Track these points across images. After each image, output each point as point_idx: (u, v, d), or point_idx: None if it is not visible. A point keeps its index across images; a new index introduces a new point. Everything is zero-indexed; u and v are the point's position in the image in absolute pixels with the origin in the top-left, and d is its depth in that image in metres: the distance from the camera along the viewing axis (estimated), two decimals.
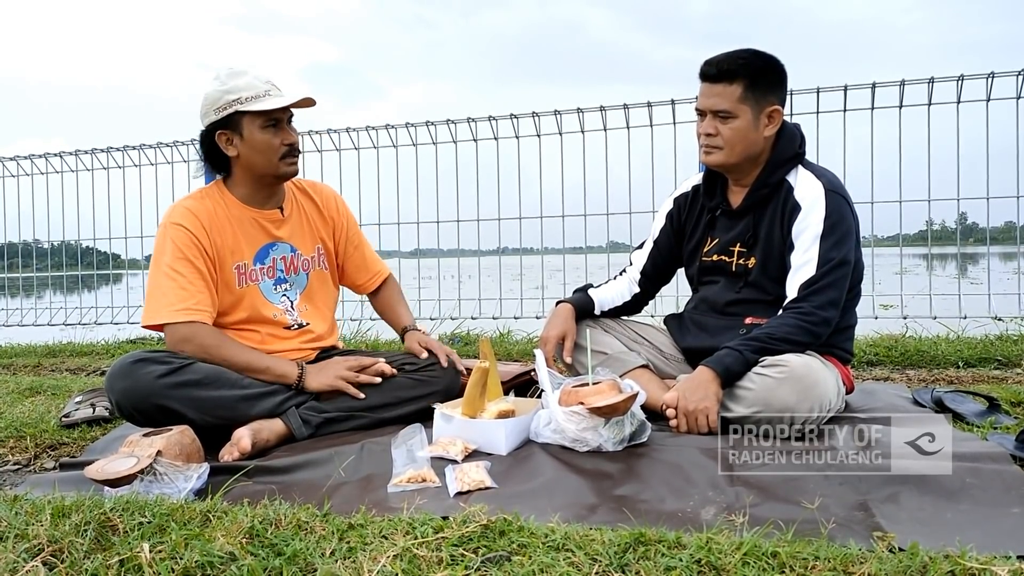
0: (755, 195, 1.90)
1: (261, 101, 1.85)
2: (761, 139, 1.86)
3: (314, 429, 1.84)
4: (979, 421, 1.79)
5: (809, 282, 1.76)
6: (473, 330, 3.96)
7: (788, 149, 1.88)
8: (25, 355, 4.03)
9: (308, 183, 2.17)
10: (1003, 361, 2.81)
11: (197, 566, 1.03)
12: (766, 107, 1.84)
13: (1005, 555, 1.04)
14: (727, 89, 1.82)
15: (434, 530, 1.13)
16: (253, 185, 1.97)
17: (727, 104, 1.82)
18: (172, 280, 1.82)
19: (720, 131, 1.85)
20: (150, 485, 1.42)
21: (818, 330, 1.75)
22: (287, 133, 1.92)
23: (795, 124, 1.96)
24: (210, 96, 1.88)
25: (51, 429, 2.10)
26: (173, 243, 1.85)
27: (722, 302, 1.95)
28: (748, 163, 1.89)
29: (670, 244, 2.13)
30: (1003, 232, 4.11)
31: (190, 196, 1.97)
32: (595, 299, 2.14)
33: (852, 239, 1.81)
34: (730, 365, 1.72)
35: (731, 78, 1.82)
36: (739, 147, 1.85)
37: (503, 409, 1.74)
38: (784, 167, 1.88)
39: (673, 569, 1.00)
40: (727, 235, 1.96)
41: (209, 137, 1.92)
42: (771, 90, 1.85)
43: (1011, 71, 3.21)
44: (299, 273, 2.07)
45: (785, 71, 1.87)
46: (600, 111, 3.71)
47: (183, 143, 4.42)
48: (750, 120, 1.83)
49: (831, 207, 1.79)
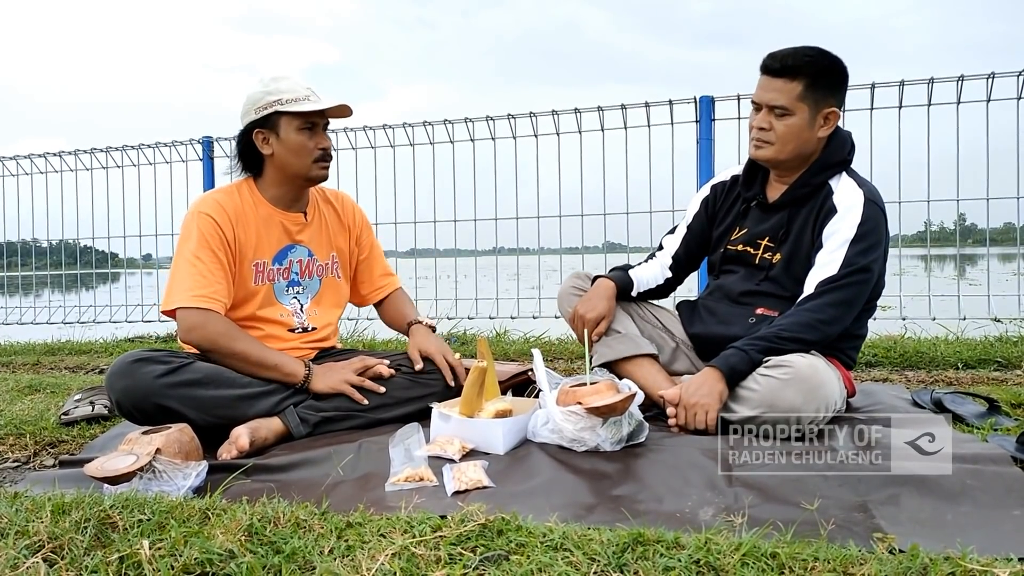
0: (795, 192, 1.88)
1: (300, 104, 1.90)
2: (814, 139, 1.84)
3: (311, 428, 1.84)
4: (979, 423, 1.79)
5: (828, 280, 1.76)
6: (470, 330, 3.96)
7: (837, 153, 1.87)
8: (24, 353, 4.03)
9: (332, 192, 2.20)
10: (1002, 362, 2.81)
11: (196, 563, 1.03)
12: (824, 108, 1.82)
13: (1006, 557, 1.04)
14: (787, 85, 1.80)
15: (432, 529, 1.13)
16: (283, 186, 2.00)
17: (785, 100, 1.80)
18: (193, 267, 1.85)
19: (774, 126, 1.83)
20: (149, 483, 1.42)
21: (828, 329, 1.74)
22: (322, 138, 1.96)
23: (848, 131, 1.94)
24: (252, 96, 1.93)
25: (51, 427, 2.10)
26: (199, 231, 1.88)
27: (737, 291, 1.95)
28: (797, 161, 1.87)
29: (703, 230, 2.11)
30: (1002, 233, 4.11)
31: (220, 189, 2.02)
32: (635, 279, 2.10)
33: (880, 251, 1.80)
34: (735, 365, 1.71)
35: (793, 74, 1.79)
36: (791, 145, 1.83)
37: (501, 408, 1.74)
38: (829, 170, 1.86)
39: (672, 569, 1.00)
40: (757, 227, 1.95)
41: (247, 136, 1.96)
42: (831, 91, 1.83)
43: (1011, 71, 3.21)
44: (312, 278, 2.09)
45: (848, 74, 1.85)
46: (598, 111, 3.71)
47: (183, 143, 4.42)
48: (806, 119, 1.81)
49: (867, 215, 1.78)
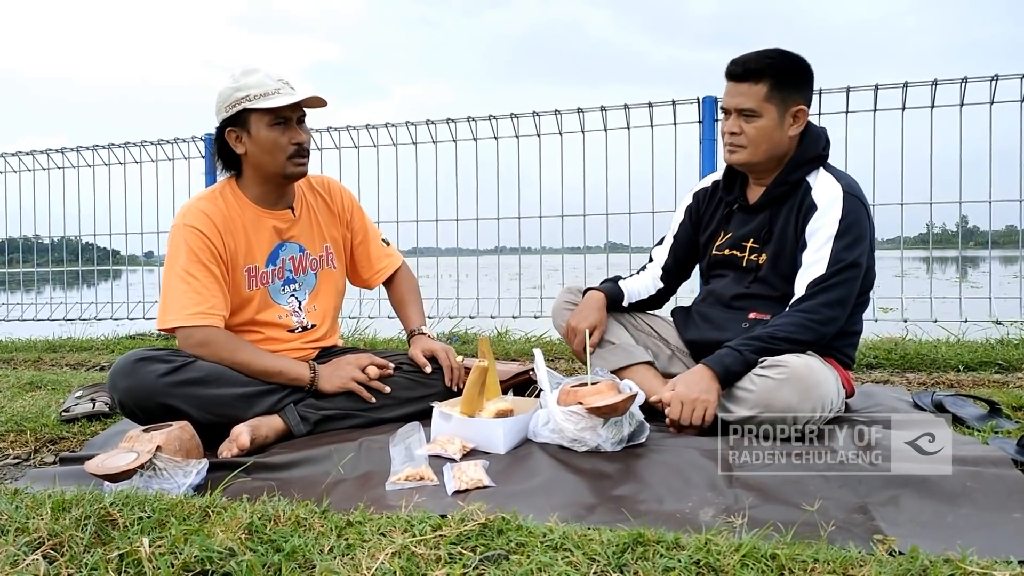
0: (773, 192, 1.89)
1: (269, 99, 1.84)
2: (786, 139, 1.85)
3: (312, 426, 1.84)
4: (980, 425, 1.79)
5: (817, 280, 1.76)
6: (471, 329, 3.96)
7: (812, 149, 1.88)
8: (25, 350, 4.03)
9: (317, 179, 2.15)
10: (1004, 365, 2.81)
11: (196, 561, 1.03)
12: (791, 107, 1.83)
13: (1006, 560, 1.04)
14: (752, 88, 1.82)
15: (432, 528, 1.13)
16: (263, 185, 1.96)
17: (752, 103, 1.82)
18: (186, 283, 1.82)
19: (744, 130, 1.84)
20: (150, 480, 1.42)
21: (823, 329, 1.74)
22: (296, 132, 1.90)
23: (822, 127, 1.95)
24: (222, 94, 1.89)
25: (51, 424, 2.10)
26: (187, 245, 1.84)
27: (728, 296, 1.96)
28: (771, 162, 1.88)
29: (690, 238, 2.12)
30: (1004, 236, 4.10)
31: (203, 196, 1.96)
32: (624, 290, 2.12)
33: (866, 243, 1.81)
34: (730, 365, 1.71)
35: (757, 77, 1.81)
36: (763, 146, 1.85)
37: (501, 408, 1.74)
38: (806, 167, 1.87)
39: (672, 570, 1.00)
40: (741, 230, 1.96)
41: (221, 134, 1.93)
42: (797, 90, 1.84)
43: (1015, 74, 3.20)
44: (307, 273, 2.06)
45: (812, 71, 1.86)
46: (600, 111, 3.71)
47: (184, 140, 4.42)
48: (775, 119, 1.83)
49: (848, 209, 1.78)
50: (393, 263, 2.26)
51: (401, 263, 2.29)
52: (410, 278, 2.29)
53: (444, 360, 2.01)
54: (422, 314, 2.23)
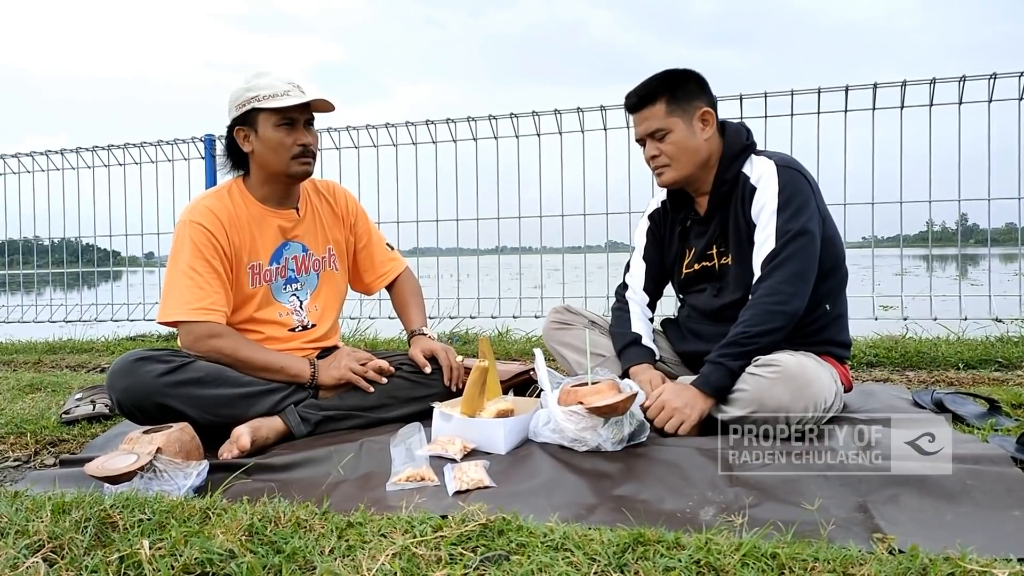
0: (717, 194, 1.91)
1: (277, 100, 1.88)
2: (703, 143, 1.88)
3: (312, 427, 1.85)
4: (979, 423, 1.79)
5: (769, 257, 1.76)
6: (472, 329, 3.96)
7: (736, 143, 1.90)
8: (25, 351, 4.03)
9: (323, 183, 2.19)
10: (1003, 363, 2.81)
11: (197, 563, 1.03)
12: (694, 112, 1.87)
13: (1006, 558, 1.04)
14: (652, 109, 1.87)
15: (433, 529, 1.13)
16: (268, 184, 1.99)
17: (657, 123, 1.87)
18: (190, 279, 1.84)
19: (662, 150, 1.88)
20: (150, 482, 1.42)
21: (789, 308, 1.72)
22: (302, 133, 1.93)
23: (739, 122, 1.98)
24: (234, 93, 1.93)
25: (51, 425, 2.10)
26: (192, 241, 1.86)
27: (712, 309, 1.96)
28: (699, 171, 1.90)
29: (659, 258, 2.13)
30: (1004, 233, 4.10)
31: (210, 194, 1.99)
32: (649, 346, 2.04)
33: (811, 210, 1.79)
34: (716, 383, 1.71)
35: (652, 99, 1.87)
36: (684, 158, 1.87)
37: (502, 408, 1.74)
38: (737, 160, 1.89)
39: (672, 570, 1.00)
40: (701, 241, 1.98)
41: (231, 133, 1.96)
42: (694, 96, 1.87)
43: (1013, 72, 3.21)
44: (309, 273, 2.08)
45: (702, 77, 1.90)
46: (600, 110, 3.71)
47: (184, 141, 4.42)
48: (685, 129, 1.86)
49: (784, 180, 1.79)
50: (396, 267, 2.28)
51: (405, 267, 2.30)
52: (413, 281, 2.30)
53: (444, 360, 2.01)
54: (423, 315, 2.23)
